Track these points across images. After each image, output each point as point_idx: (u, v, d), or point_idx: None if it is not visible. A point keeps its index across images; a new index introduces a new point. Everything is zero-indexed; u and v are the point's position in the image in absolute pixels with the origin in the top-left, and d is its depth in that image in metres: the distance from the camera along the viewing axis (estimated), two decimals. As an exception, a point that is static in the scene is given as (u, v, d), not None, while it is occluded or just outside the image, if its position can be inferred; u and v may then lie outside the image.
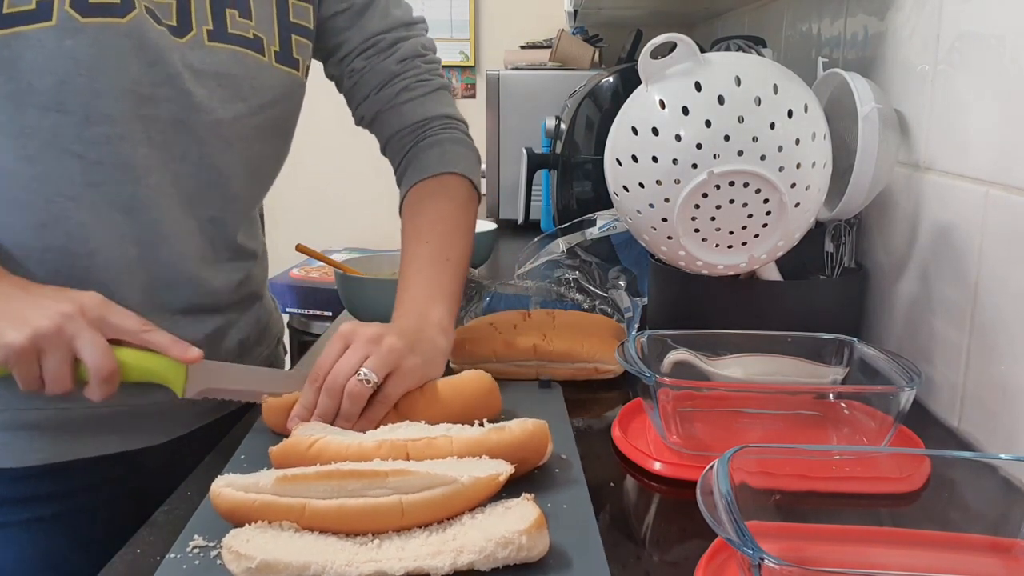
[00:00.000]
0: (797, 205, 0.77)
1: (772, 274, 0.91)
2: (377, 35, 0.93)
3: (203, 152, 0.80)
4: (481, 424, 0.66)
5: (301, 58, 0.88)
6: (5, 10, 0.69)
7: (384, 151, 1.00)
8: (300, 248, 1.14)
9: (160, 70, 0.75)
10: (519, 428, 0.64)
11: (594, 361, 0.89)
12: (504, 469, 0.60)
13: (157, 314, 0.80)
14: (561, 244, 1.22)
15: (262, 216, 1.06)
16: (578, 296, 1.12)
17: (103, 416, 0.81)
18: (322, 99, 1.10)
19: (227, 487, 0.57)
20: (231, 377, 0.77)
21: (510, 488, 0.60)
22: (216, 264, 0.86)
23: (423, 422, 0.70)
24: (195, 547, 0.56)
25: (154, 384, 0.72)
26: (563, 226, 1.25)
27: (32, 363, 0.67)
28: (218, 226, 0.85)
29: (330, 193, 3.07)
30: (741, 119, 0.73)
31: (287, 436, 0.72)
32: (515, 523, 0.53)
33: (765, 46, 1.09)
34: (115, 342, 0.69)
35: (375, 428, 0.71)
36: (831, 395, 0.75)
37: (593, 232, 1.21)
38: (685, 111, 0.75)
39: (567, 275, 1.15)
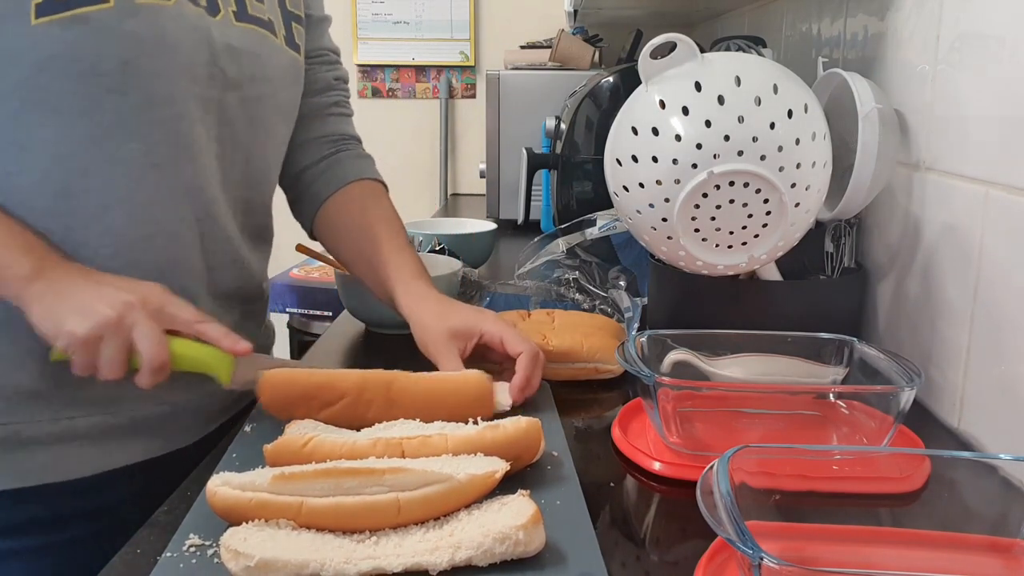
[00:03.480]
0: (797, 205, 0.77)
1: (772, 274, 0.90)
2: (323, 50, 1.00)
3: (235, 131, 0.83)
4: (475, 422, 0.66)
5: (301, 44, 0.92)
6: None
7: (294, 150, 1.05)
8: (300, 248, 1.14)
9: (205, 49, 0.77)
10: (513, 426, 0.65)
11: (594, 361, 0.89)
12: (500, 466, 0.60)
13: (203, 299, 0.83)
14: (561, 244, 1.22)
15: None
16: (578, 296, 1.12)
17: (148, 418, 0.82)
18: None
19: (223, 486, 0.57)
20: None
21: (504, 485, 0.60)
22: (251, 247, 0.90)
23: (417, 420, 0.71)
24: (191, 546, 0.56)
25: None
26: (563, 226, 1.25)
27: (92, 351, 0.67)
28: (249, 208, 0.88)
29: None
30: (741, 119, 0.73)
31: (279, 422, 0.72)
32: (511, 518, 0.54)
33: (765, 46, 1.09)
34: (170, 331, 0.70)
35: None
36: (831, 395, 0.75)
37: (593, 232, 1.20)
38: (685, 111, 0.74)
39: (567, 275, 1.15)
